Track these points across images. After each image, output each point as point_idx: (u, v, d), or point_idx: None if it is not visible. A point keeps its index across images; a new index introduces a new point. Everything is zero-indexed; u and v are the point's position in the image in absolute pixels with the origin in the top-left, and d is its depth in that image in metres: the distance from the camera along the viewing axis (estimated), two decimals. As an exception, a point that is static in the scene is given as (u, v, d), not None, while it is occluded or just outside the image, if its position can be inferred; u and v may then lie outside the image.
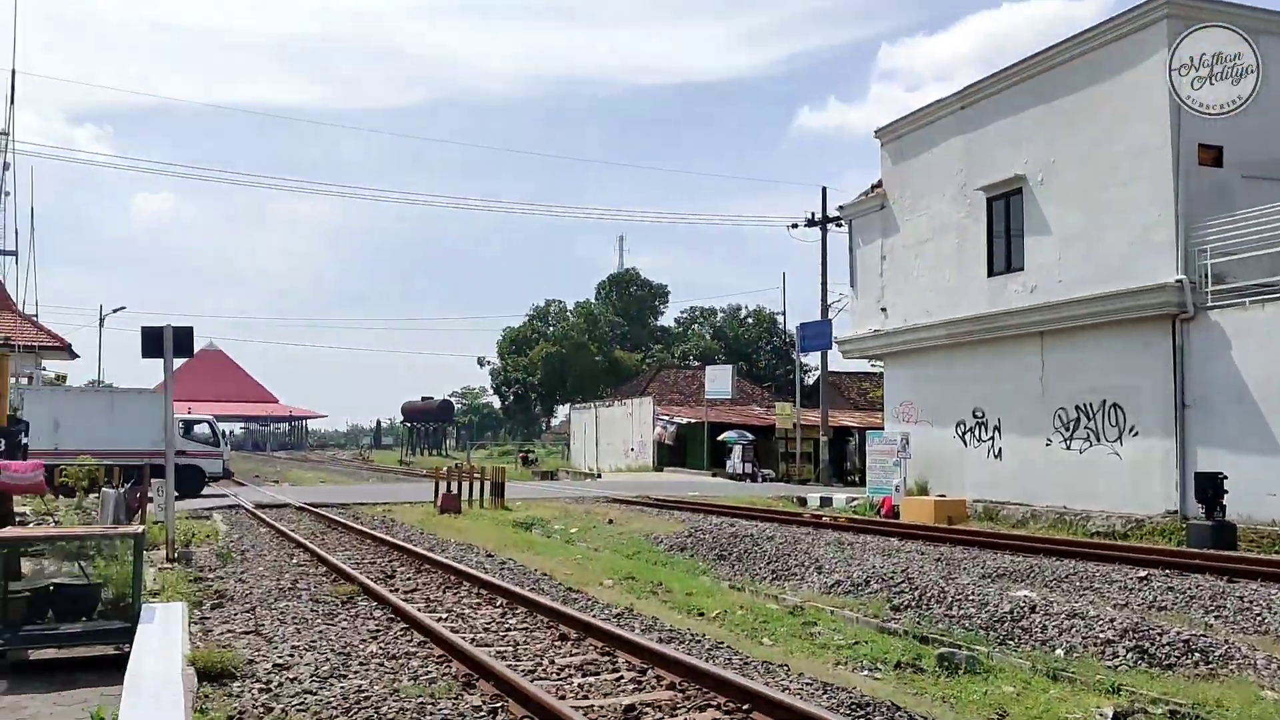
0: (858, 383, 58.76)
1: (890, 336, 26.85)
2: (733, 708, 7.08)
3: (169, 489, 15.89)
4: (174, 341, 15.26)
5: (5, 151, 31.71)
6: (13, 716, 7.46)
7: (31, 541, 10.53)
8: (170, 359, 15.30)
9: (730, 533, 18.03)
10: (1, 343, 25.46)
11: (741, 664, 8.70)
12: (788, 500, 28.80)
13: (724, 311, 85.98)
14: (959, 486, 23.87)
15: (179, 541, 15.54)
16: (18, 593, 9.55)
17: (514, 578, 13.64)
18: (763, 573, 15.13)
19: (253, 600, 11.66)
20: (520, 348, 79.45)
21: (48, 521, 15.98)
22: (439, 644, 8.98)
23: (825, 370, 42.60)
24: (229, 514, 23.30)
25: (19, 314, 36.07)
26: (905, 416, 26.65)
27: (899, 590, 12.58)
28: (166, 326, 15.30)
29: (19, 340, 31.07)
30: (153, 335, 15.35)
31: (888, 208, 27.09)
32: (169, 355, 15.26)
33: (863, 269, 28.42)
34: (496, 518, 22.95)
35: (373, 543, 17.63)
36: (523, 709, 6.93)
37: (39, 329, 38.27)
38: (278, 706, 6.97)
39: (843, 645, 10.28)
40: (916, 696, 8.15)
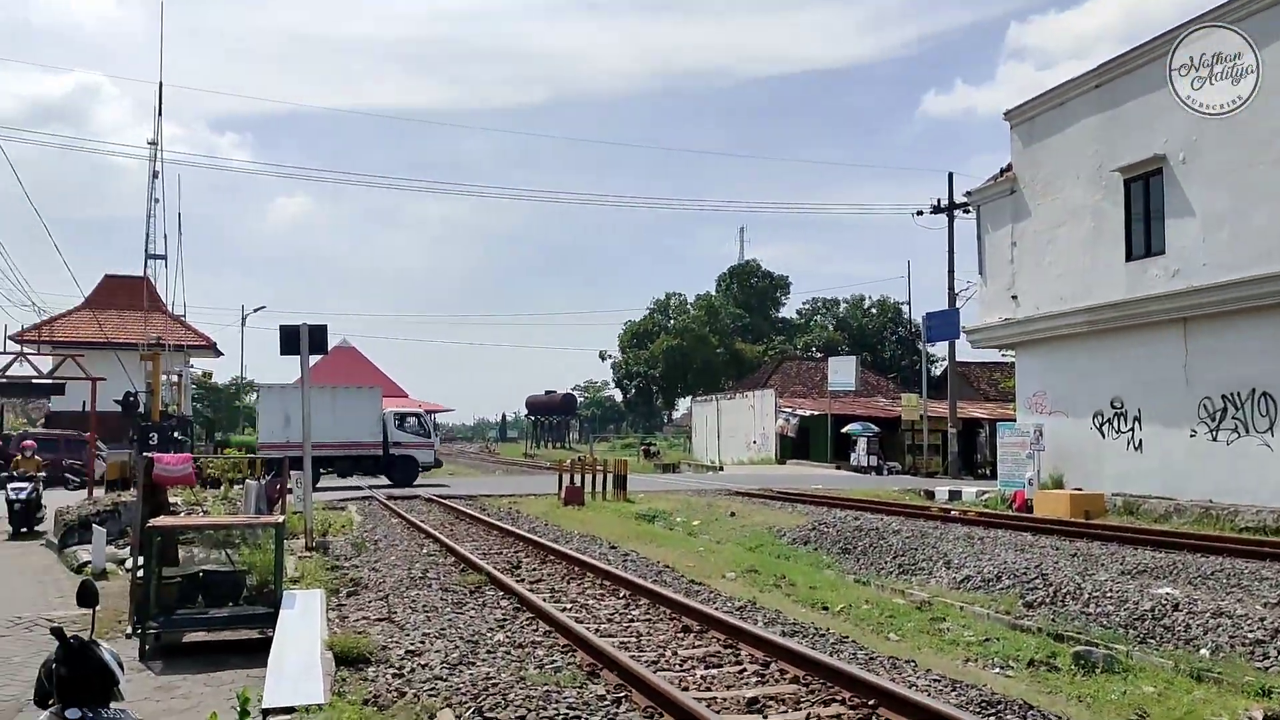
0: (988, 373, 57.12)
1: (1022, 325, 25.98)
2: (858, 703, 6.98)
3: (306, 481, 16.52)
4: (309, 339, 15.90)
5: (155, 160, 33.49)
6: (168, 696, 7.88)
7: (183, 530, 11.09)
8: (307, 356, 15.94)
9: (855, 526, 17.77)
10: (154, 342, 26.93)
11: (867, 659, 8.57)
12: (914, 494, 28.20)
13: (847, 302, 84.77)
14: (1096, 480, 22.97)
15: (317, 531, 16.14)
16: (171, 579, 10.09)
17: (636, 569, 13.74)
18: (888, 567, 14.87)
19: (385, 588, 12.05)
20: (641, 341, 79.81)
21: (196, 511, 16.81)
22: (564, 634, 9.11)
23: (953, 360, 41.50)
24: (362, 505, 24.10)
25: (169, 315, 38.10)
26: (1038, 407, 25.76)
27: (1032, 586, 12.19)
28: (303, 325, 15.94)
29: (169, 340, 32.83)
30: (290, 333, 16.02)
31: (1018, 192, 26.21)
32: (305, 352, 15.90)
33: (992, 256, 27.57)
34: (619, 510, 23.14)
35: (499, 534, 18.00)
36: (646, 699, 6.98)
37: (187, 329, 40.40)
38: (410, 691, 7.18)
39: (973, 642, 10.02)
40: (1051, 696, 7.89)
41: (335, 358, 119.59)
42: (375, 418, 32.05)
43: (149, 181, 38.03)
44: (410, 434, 33.01)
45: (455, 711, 6.57)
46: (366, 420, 31.68)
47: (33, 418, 45.88)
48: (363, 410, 31.79)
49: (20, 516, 17.99)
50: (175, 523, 11.05)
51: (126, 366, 27.56)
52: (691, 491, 27.55)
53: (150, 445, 20.86)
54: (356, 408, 31.58)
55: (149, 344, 26.85)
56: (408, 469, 32.22)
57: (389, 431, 32.34)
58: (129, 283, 38.38)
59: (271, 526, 10.30)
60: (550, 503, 24.64)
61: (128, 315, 37.13)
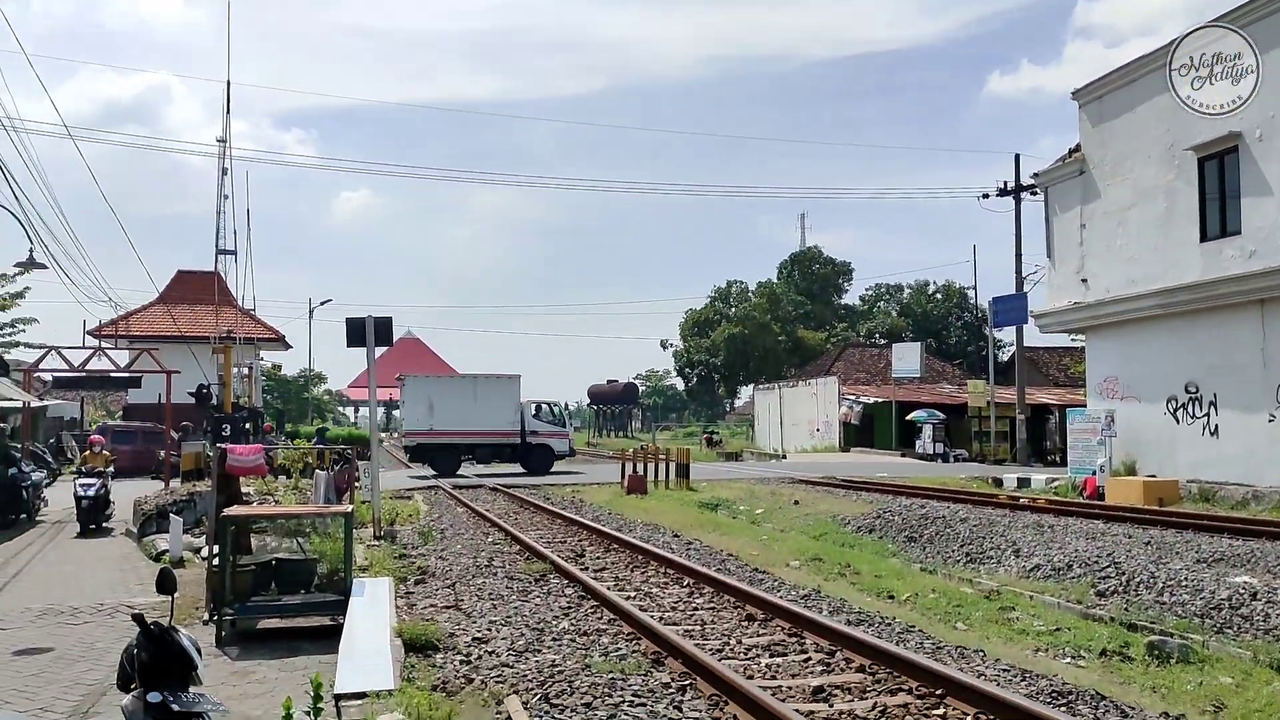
0: (1056, 358, 56.04)
1: (1092, 309, 25.45)
2: (925, 692, 6.92)
3: (374, 470, 16.78)
4: (375, 331, 16.13)
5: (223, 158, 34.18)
6: (244, 680, 8.07)
7: (256, 520, 11.34)
8: (372, 347, 16.17)
9: (920, 514, 17.58)
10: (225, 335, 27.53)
11: (934, 648, 8.48)
12: (982, 481, 27.80)
13: (911, 287, 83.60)
14: (1170, 466, 22.45)
15: (384, 520, 16.40)
16: (245, 567, 10.33)
17: (700, 558, 13.75)
18: (955, 555, 14.69)
19: (452, 576, 12.21)
20: (702, 329, 79.60)
21: (268, 501, 17.16)
22: (628, 621, 9.15)
23: (1021, 345, 40.76)
24: (428, 494, 24.42)
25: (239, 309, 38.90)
26: (1109, 393, 25.23)
27: (1104, 575, 11.96)
28: (368, 317, 16.18)
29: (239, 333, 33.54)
30: (356, 326, 16.27)
31: (1087, 173, 25.64)
32: (371, 344, 16.14)
33: (1060, 238, 27.02)
34: (682, 498, 23.17)
35: (563, 522, 18.12)
36: (711, 687, 6.99)
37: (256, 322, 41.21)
38: (478, 677, 7.28)
39: (1043, 631, 9.88)
40: (1123, 686, 7.75)
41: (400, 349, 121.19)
42: (514, 407, 32.78)
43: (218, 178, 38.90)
44: (546, 423, 33.66)
45: (522, 698, 6.65)
46: (505, 409, 32.42)
47: (111, 410, 47.24)
48: (502, 399, 32.51)
49: (88, 513, 17.40)
50: (248, 512, 11.29)
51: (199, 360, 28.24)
52: (754, 480, 27.48)
53: (223, 436, 21.41)
54: (496, 397, 32.32)
55: (220, 337, 27.47)
56: (544, 457, 32.92)
57: (525, 420, 33.01)
58: (201, 278, 39.27)
59: (341, 516, 10.51)
60: (613, 492, 24.74)
61: (199, 309, 38.00)
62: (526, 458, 32.86)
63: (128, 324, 36.03)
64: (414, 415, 31.67)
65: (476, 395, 31.95)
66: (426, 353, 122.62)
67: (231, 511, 10.47)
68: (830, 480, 26.43)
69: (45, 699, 7.45)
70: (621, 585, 11.52)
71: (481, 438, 31.88)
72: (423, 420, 31.20)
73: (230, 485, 11.74)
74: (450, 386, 32.93)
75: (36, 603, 11.07)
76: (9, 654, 9.02)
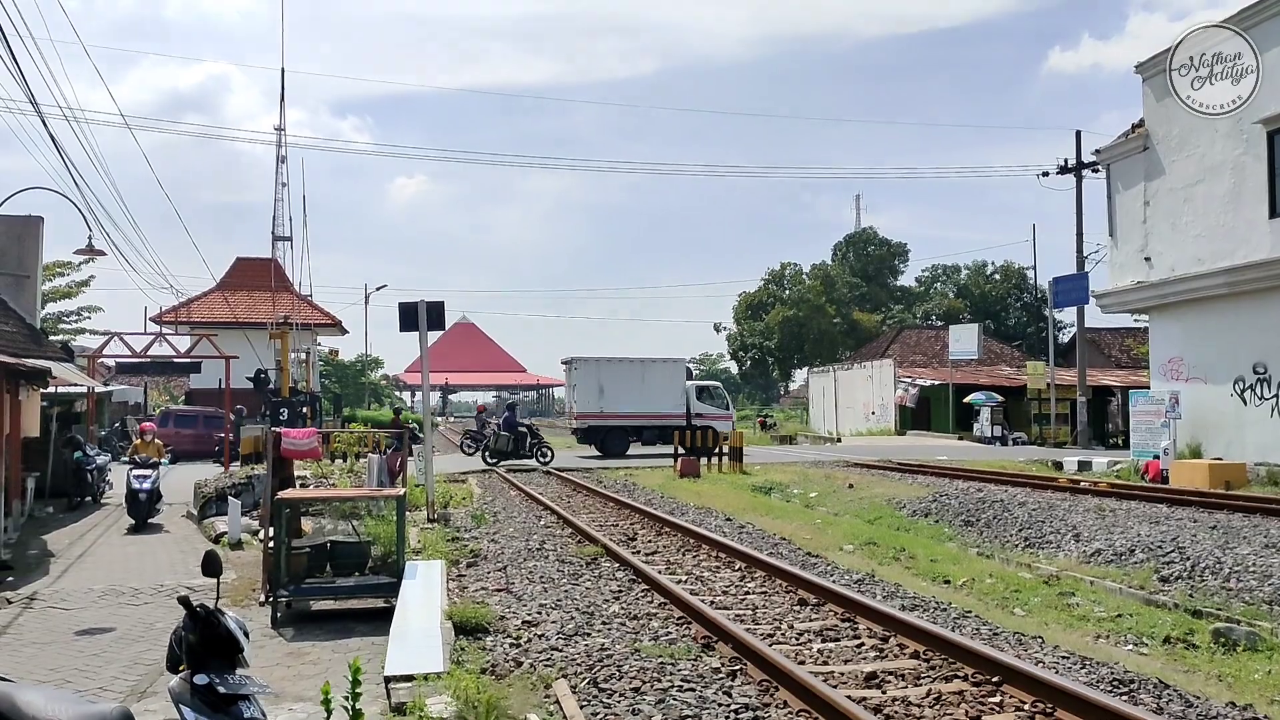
0: (1119, 339, 54.90)
1: (1155, 288, 24.80)
2: (981, 679, 6.78)
3: (428, 454, 16.89)
4: (427, 315, 16.23)
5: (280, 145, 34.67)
6: (298, 661, 8.17)
7: (309, 503, 11.46)
8: (425, 331, 16.27)
9: (978, 498, 17.30)
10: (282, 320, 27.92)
11: (991, 634, 8.31)
12: (1041, 464, 27.32)
13: (968, 268, 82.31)
14: (1238, 449, 21.84)
15: (438, 503, 16.51)
16: (300, 549, 10.44)
17: (752, 541, 13.65)
18: (1013, 540, 14.43)
19: (504, 559, 12.24)
20: (756, 312, 79.12)
21: (325, 484, 17.39)
22: (678, 605, 9.09)
23: (1081, 326, 39.97)
24: (482, 478, 24.55)
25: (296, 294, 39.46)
26: (1174, 374, 24.59)
27: (1168, 560, 11.66)
28: (420, 302, 16.28)
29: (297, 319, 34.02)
30: (408, 310, 16.39)
31: (1151, 149, 24.95)
32: (424, 328, 16.23)
33: (1122, 216, 26.35)
34: (735, 482, 23.05)
35: (615, 506, 18.10)
36: (762, 673, 6.91)
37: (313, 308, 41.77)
38: (526, 661, 7.27)
39: (1104, 617, 9.65)
40: (1187, 674, 7.52)
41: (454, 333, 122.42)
42: (680, 389, 33.36)
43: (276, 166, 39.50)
44: (710, 405, 34.06)
45: (570, 682, 6.62)
46: (672, 392, 32.98)
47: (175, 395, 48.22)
48: (669, 382, 33.09)
49: (143, 507, 16.19)
50: (301, 495, 11.43)
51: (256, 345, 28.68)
52: (808, 463, 27.27)
53: (280, 420, 21.69)
54: (663, 380, 32.91)
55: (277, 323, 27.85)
56: (709, 440, 33.26)
57: (690, 403, 33.46)
58: (259, 264, 39.90)
59: (393, 499, 10.58)
60: (666, 475, 24.69)
61: (258, 296, 38.59)
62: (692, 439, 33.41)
63: (189, 310, 36.71)
64: (584, 398, 32.34)
65: (645, 378, 32.61)
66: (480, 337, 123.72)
67: (285, 495, 10.59)
68: (885, 464, 26.14)
69: (104, 678, 7.59)
70: (673, 569, 11.47)
71: (649, 420, 32.44)
72: (593, 403, 31.97)
73: (284, 468, 11.91)
74: (620, 369, 33.38)
75: (99, 584, 11.30)
76: (72, 634, 9.22)
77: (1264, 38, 21.16)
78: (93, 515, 18.11)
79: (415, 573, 10.04)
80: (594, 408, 31.92)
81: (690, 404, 33.30)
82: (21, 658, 8.43)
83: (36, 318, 21.25)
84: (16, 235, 20.38)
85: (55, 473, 19.48)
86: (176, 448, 29.42)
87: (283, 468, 12.05)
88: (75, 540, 15.20)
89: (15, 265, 19.95)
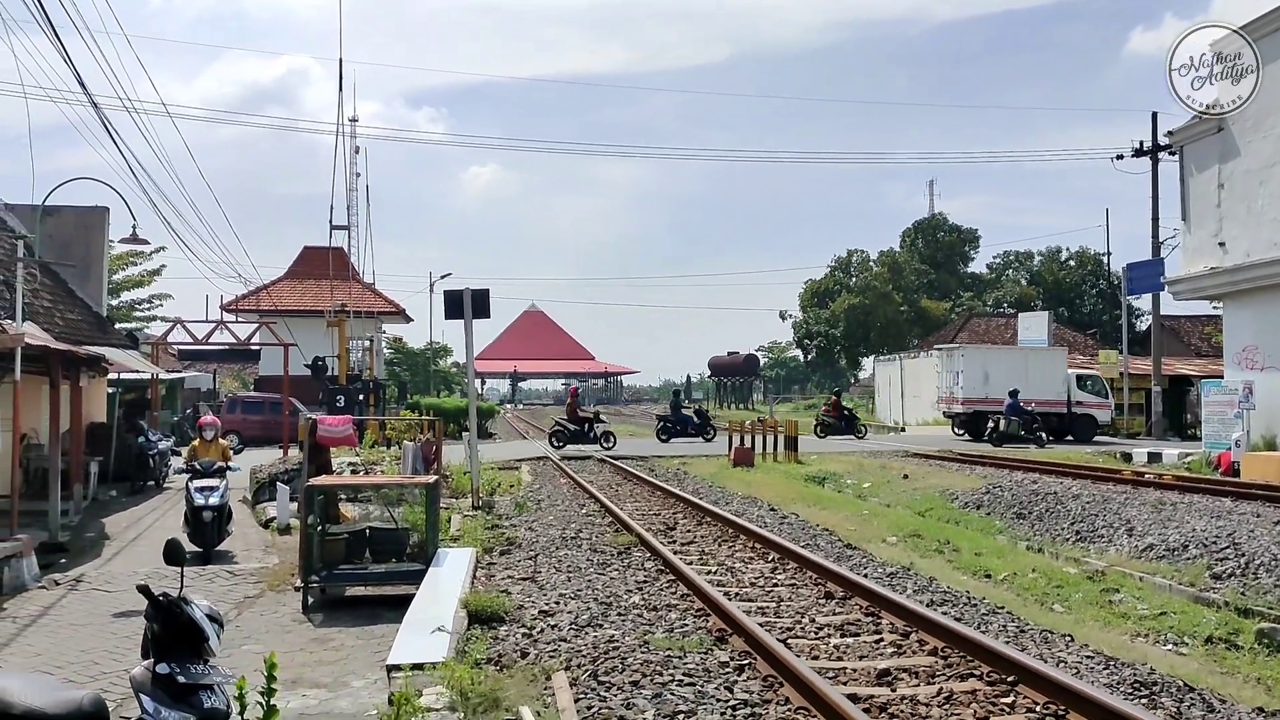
0: (1199, 327, 53.09)
1: (1230, 274, 23.95)
2: (996, 678, 6.56)
3: (473, 440, 16.97)
4: (472, 303, 16.26)
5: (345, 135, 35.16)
6: (321, 647, 8.26)
7: (341, 490, 11.57)
8: (470, 319, 16.30)
9: (1032, 490, 16.86)
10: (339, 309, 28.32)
11: (1017, 632, 8.05)
12: (1109, 456, 26.56)
13: (1042, 255, 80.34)
14: (1314, 441, 21.00)
15: (484, 490, 16.59)
16: (338, 535, 10.55)
17: (791, 533, 13.45)
18: (1064, 533, 14.03)
19: (537, 548, 12.22)
20: (822, 300, 78.20)
21: (370, 471, 17.58)
22: (700, 597, 8.97)
23: (1157, 314, 38.72)
24: (536, 465, 24.63)
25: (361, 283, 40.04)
26: (1249, 363, 23.74)
27: (1221, 556, 11.22)
28: (465, 290, 16.33)
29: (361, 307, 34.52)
30: (454, 298, 16.44)
31: (1225, 130, 24.04)
32: (469, 316, 16.27)
33: (1196, 200, 25.47)
34: (788, 471, 22.80)
35: (662, 495, 17.99)
36: (769, 667, 6.77)
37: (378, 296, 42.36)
38: (533, 651, 7.22)
39: (1146, 615, 9.33)
40: (1224, 676, 7.21)
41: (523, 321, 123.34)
42: (1061, 378, 34.06)
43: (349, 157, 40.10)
44: (1090, 394, 34.60)
45: (571, 674, 6.55)
46: (1054, 380, 33.76)
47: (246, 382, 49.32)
48: (1051, 370, 33.95)
49: (210, 529, 12.32)
50: (333, 482, 11.54)
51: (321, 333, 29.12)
52: (866, 453, 26.86)
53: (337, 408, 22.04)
54: (1046, 368, 33.87)
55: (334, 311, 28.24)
56: (1087, 427, 33.82)
57: (1071, 391, 34.12)
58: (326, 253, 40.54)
59: (425, 486, 10.62)
60: (719, 464, 24.50)
61: (324, 284, 39.24)
62: (1072, 427, 33.85)
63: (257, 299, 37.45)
64: (971, 383, 33.36)
65: (1028, 366, 33.46)
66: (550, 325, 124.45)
67: (317, 481, 10.69)
68: (946, 454, 25.65)
69: (130, 660, 7.71)
70: (705, 559, 11.35)
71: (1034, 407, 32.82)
72: (978, 388, 32.89)
73: (321, 455, 12.04)
74: (1005, 357, 34.89)
75: (145, 566, 11.52)
76: (109, 616, 9.44)
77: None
78: (154, 499, 18.58)
79: (443, 560, 10.09)
80: (979, 393, 32.84)
81: (1071, 392, 33.85)
82: (57, 639, 8.66)
83: (103, 305, 21.87)
84: (83, 226, 21.00)
85: (119, 457, 20.03)
86: (244, 433, 30.08)
87: (320, 454, 12.19)
88: (132, 523, 15.60)
89: (82, 255, 20.54)
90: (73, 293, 20.26)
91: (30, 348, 12.41)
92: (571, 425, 29.53)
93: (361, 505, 13.13)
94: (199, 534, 12.18)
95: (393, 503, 12.32)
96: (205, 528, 12.21)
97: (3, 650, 8.15)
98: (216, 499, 12.34)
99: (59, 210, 20.03)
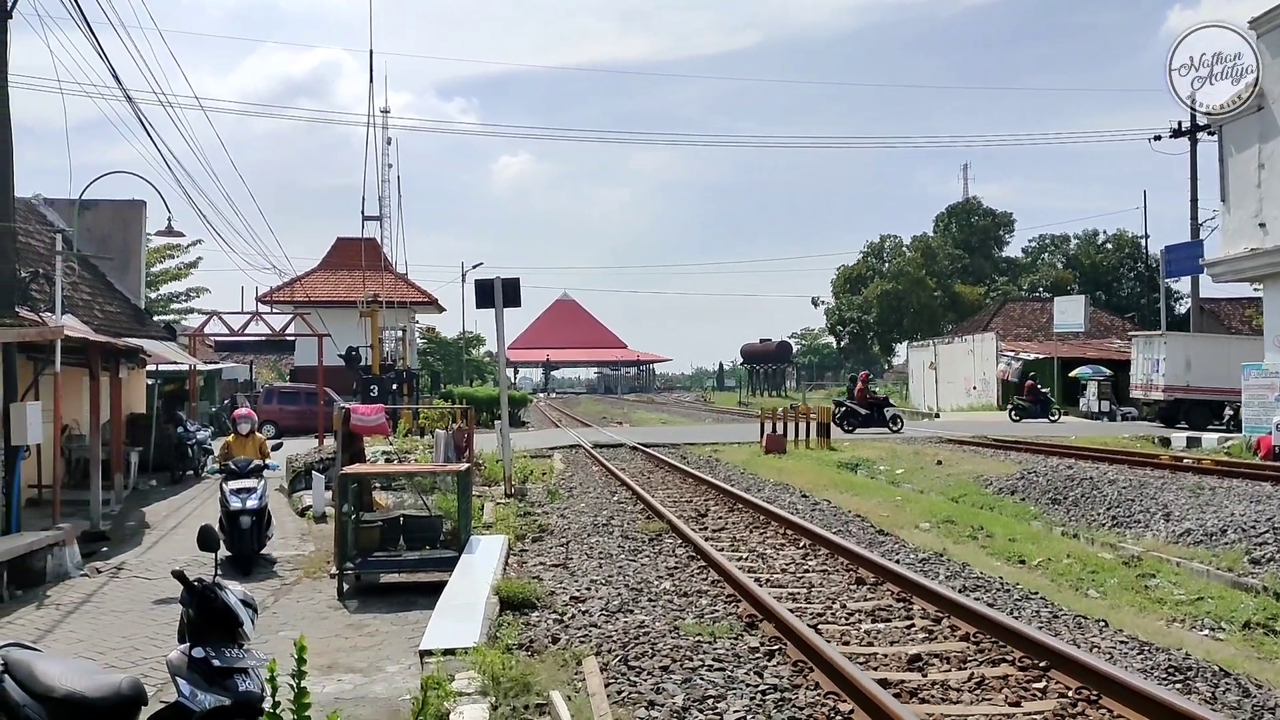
0: (1240, 309, 52.29)
1: (1270, 255, 23.50)
2: (1029, 664, 6.53)
3: (504, 428, 17.05)
4: (503, 292, 16.34)
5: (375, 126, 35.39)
6: (355, 634, 8.36)
7: (374, 478, 11.68)
8: (501, 308, 16.38)
9: (1067, 475, 16.71)
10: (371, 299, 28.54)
11: (1050, 617, 8.00)
12: (1147, 440, 26.27)
13: (1078, 238, 79.36)
14: (1357, 425, 20.61)
15: (516, 479, 16.68)
16: (372, 523, 10.65)
17: (823, 519, 13.42)
18: (1100, 519, 13.90)
19: (569, 535, 12.29)
20: (854, 286, 77.76)
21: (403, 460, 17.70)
22: (731, 583, 8.98)
23: (1196, 296, 38.30)
24: (568, 453, 24.73)
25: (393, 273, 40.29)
26: (1289, 346, 23.34)
27: (1261, 541, 11.07)
28: (496, 279, 16.41)
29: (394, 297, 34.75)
30: (485, 287, 16.53)
31: (1266, 109, 23.58)
32: (500, 305, 16.35)
33: (1235, 180, 25.01)
34: (820, 458, 22.73)
35: (693, 482, 18.00)
36: (799, 653, 6.78)
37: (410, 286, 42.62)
38: (564, 637, 7.27)
39: (1182, 601, 9.23)
40: (1260, 662, 7.13)
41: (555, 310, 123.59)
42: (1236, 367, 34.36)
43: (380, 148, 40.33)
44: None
45: (601, 659, 6.60)
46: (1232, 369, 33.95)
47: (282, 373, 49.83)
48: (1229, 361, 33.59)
49: (248, 535, 11.04)
50: (367, 470, 11.65)
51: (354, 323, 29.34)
52: (899, 439, 26.73)
53: (370, 397, 22.23)
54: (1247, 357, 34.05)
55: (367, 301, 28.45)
56: None
57: None
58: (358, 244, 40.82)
59: (456, 474, 10.71)
60: (752, 451, 24.47)
61: (358, 275, 39.53)
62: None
63: (291, 290, 37.80)
64: (1173, 371, 33.25)
65: (1229, 357, 32.93)
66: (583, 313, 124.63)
67: (350, 469, 10.80)
68: (980, 439, 25.47)
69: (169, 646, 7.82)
70: (736, 546, 11.36)
71: (1230, 396, 32.92)
72: (1181, 377, 32.81)
73: (354, 444, 12.16)
74: (1208, 346, 34.51)
75: (185, 554, 11.66)
76: (150, 603, 9.60)
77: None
78: (193, 488, 18.85)
79: (476, 547, 10.17)
80: (1181, 381, 32.64)
81: None
82: (99, 625, 8.83)
83: (141, 298, 22.17)
84: (120, 219, 21.29)
85: (159, 447, 20.34)
86: (280, 424, 30.41)
87: (353, 443, 12.31)
88: (172, 512, 15.84)
89: (119, 248, 20.83)
90: (111, 285, 20.56)
91: (70, 340, 12.61)
92: (862, 410, 29.94)
93: (395, 493, 13.28)
94: (237, 542, 10.89)
95: (426, 491, 12.46)
96: (243, 535, 10.92)
97: (46, 636, 8.32)
98: (255, 502, 11.09)
99: (97, 204, 20.31)
